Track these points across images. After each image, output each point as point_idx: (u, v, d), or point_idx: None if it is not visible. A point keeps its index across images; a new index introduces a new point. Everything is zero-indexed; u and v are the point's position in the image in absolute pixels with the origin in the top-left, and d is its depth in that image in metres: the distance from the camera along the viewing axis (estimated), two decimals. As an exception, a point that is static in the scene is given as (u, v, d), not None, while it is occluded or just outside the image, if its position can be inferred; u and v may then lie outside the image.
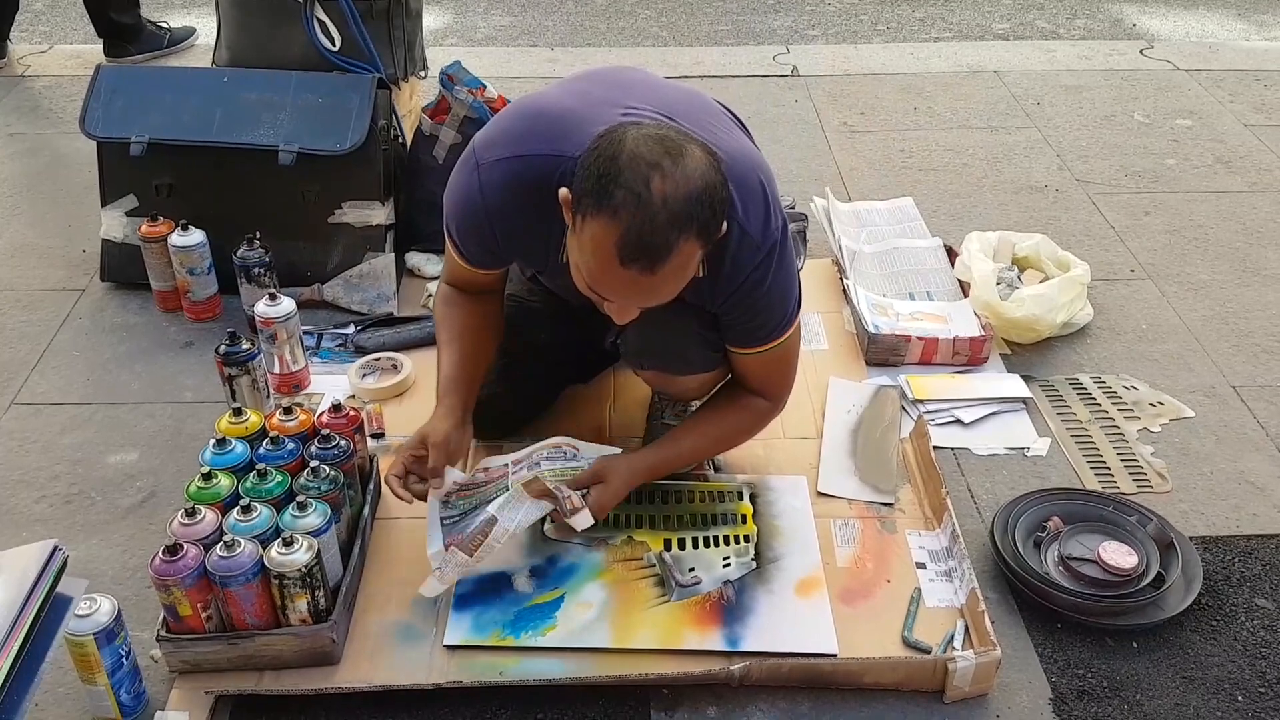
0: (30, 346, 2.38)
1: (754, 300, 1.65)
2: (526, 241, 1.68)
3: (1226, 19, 4.53)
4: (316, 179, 2.44)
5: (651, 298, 1.50)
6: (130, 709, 1.58)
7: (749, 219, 1.58)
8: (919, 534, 1.89)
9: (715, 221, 1.45)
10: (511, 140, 1.62)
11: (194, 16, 4.21)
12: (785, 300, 1.69)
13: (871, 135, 3.37)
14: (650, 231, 1.38)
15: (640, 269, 1.41)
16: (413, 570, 1.80)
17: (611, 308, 1.54)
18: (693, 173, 1.41)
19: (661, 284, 1.45)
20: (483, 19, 4.49)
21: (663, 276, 1.43)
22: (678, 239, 1.40)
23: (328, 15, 2.52)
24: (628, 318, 1.55)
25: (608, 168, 1.40)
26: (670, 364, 1.81)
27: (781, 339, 1.74)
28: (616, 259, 1.40)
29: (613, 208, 1.39)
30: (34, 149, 3.26)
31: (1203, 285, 2.63)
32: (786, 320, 1.72)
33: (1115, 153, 3.26)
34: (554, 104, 1.63)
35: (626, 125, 1.46)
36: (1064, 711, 1.62)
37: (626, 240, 1.39)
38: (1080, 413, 2.20)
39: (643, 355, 1.84)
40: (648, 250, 1.39)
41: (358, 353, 2.33)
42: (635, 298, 1.50)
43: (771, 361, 1.78)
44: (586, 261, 1.46)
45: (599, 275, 1.46)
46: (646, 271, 1.41)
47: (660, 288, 1.47)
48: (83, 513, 1.95)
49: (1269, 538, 1.92)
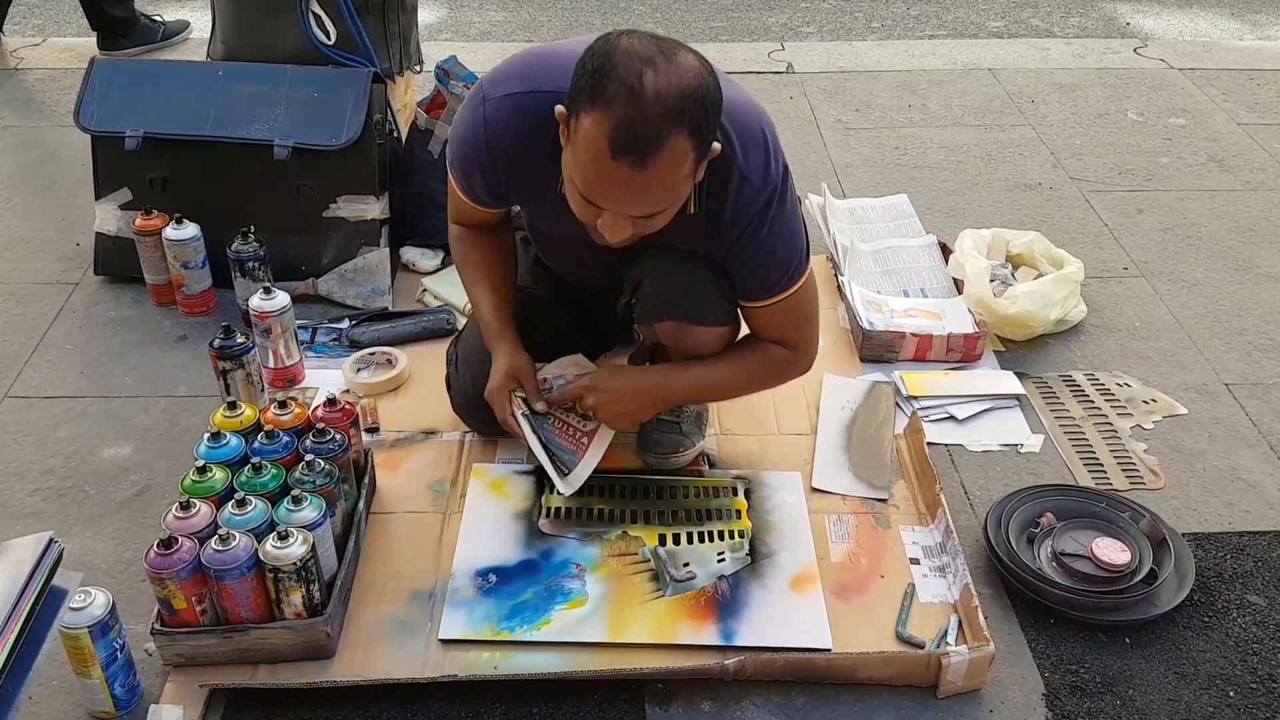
0: (24, 340, 2.37)
1: (757, 248, 1.66)
2: (528, 177, 1.68)
3: (1220, 18, 4.55)
4: (311, 173, 2.44)
5: (643, 201, 1.49)
6: (124, 702, 1.57)
7: (749, 164, 1.60)
8: (913, 529, 1.89)
9: (707, 122, 1.46)
10: (519, 77, 1.64)
11: (188, 10, 4.20)
12: (791, 248, 1.70)
13: (866, 132, 3.38)
14: (642, 123, 1.39)
15: (631, 162, 1.41)
16: (408, 565, 1.80)
17: (605, 222, 1.52)
18: (685, 70, 1.43)
19: (652, 182, 1.45)
20: (477, 14, 4.49)
21: (653, 173, 1.43)
22: (669, 132, 1.41)
23: (323, 9, 2.52)
24: (620, 235, 1.54)
25: (601, 64, 1.42)
26: (688, 314, 1.79)
27: (792, 289, 1.74)
28: (608, 151, 1.41)
29: (605, 100, 1.40)
30: (27, 142, 3.25)
31: (1196, 283, 2.64)
32: (795, 269, 1.72)
33: (1109, 151, 3.27)
34: (564, 48, 1.64)
35: (620, 31, 1.48)
36: (1057, 707, 1.63)
37: (618, 131, 1.40)
38: (1074, 409, 2.20)
39: (661, 309, 1.81)
40: (639, 142, 1.40)
41: (352, 347, 2.33)
42: (627, 199, 1.49)
43: (787, 313, 1.78)
44: (580, 164, 1.47)
45: (591, 174, 1.46)
46: (638, 166, 1.42)
47: (651, 187, 1.46)
48: (76, 506, 1.95)
49: (1261, 534, 1.93)
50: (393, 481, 1.98)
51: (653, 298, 1.82)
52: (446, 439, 2.08)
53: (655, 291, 1.80)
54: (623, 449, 2.06)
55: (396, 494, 1.96)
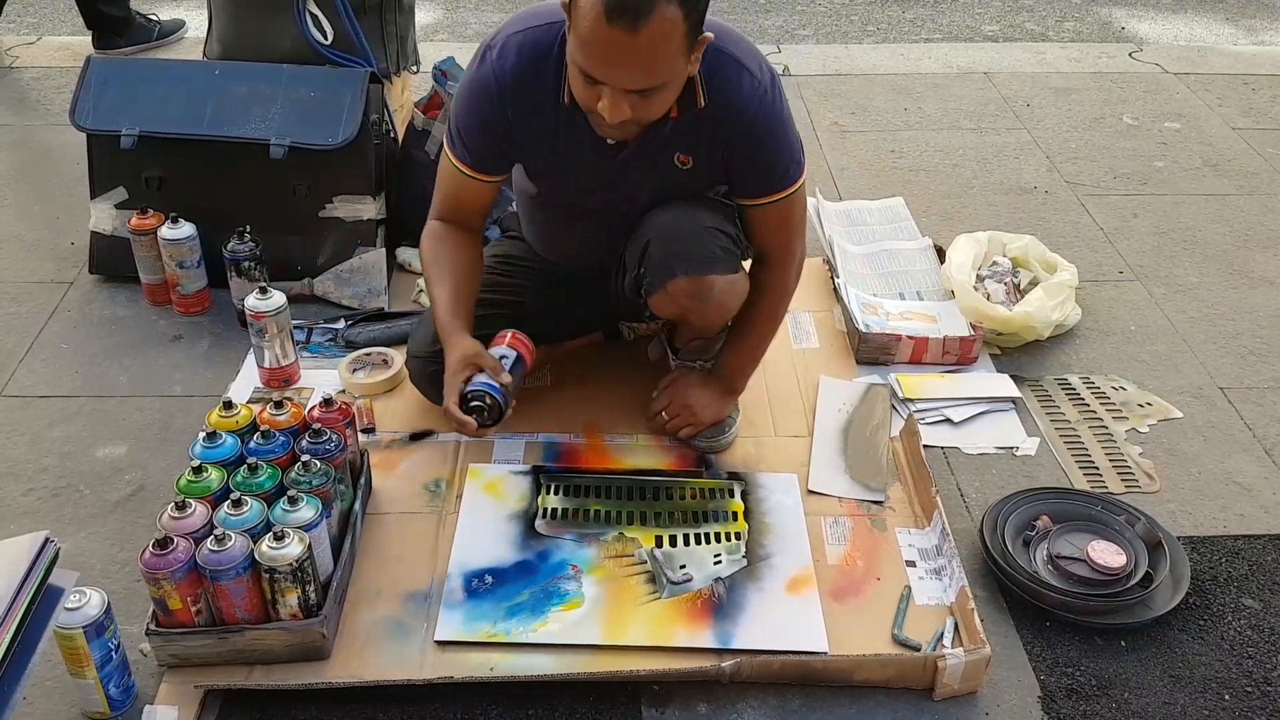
0: (18, 339, 2.37)
1: (765, 136, 1.76)
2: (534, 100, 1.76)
3: (1215, 23, 4.56)
4: (308, 173, 2.43)
5: (637, 69, 1.57)
6: (119, 703, 1.57)
7: (744, 57, 1.73)
8: (909, 532, 1.89)
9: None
10: (515, 24, 1.78)
11: (184, 9, 4.19)
12: (792, 138, 1.81)
13: (862, 135, 3.38)
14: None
15: (624, 26, 1.50)
16: (404, 566, 1.80)
17: (604, 103, 1.60)
18: None
19: (645, 48, 1.53)
20: (474, 14, 4.49)
21: (646, 38, 1.51)
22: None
23: (320, 9, 2.52)
24: (619, 114, 1.61)
25: None
26: (699, 264, 1.84)
27: (796, 185, 1.84)
28: (603, 17, 1.50)
29: None
30: (22, 141, 3.24)
31: (1191, 287, 2.64)
32: (797, 163, 1.82)
33: (1104, 155, 3.28)
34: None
35: None
36: (1052, 709, 1.63)
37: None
38: (1069, 413, 2.21)
39: (671, 264, 1.84)
40: (631, 5, 1.49)
41: (348, 347, 2.33)
42: (622, 67, 1.56)
43: (786, 214, 1.88)
44: (579, 38, 1.56)
45: (589, 42, 1.55)
46: (630, 30, 1.50)
47: (644, 54, 1.54)
48: (71, 506, 1.94)
49: (1256, 538, 1.93)
50: (389, 482, 1.98)
51: (660, 257, 1.85)
52: (442, 440, 2.08)
53: (661, 251, 1.85)
54: (620, 450, 2.06)
55: (392, 494, 1.95)
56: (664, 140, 1.77)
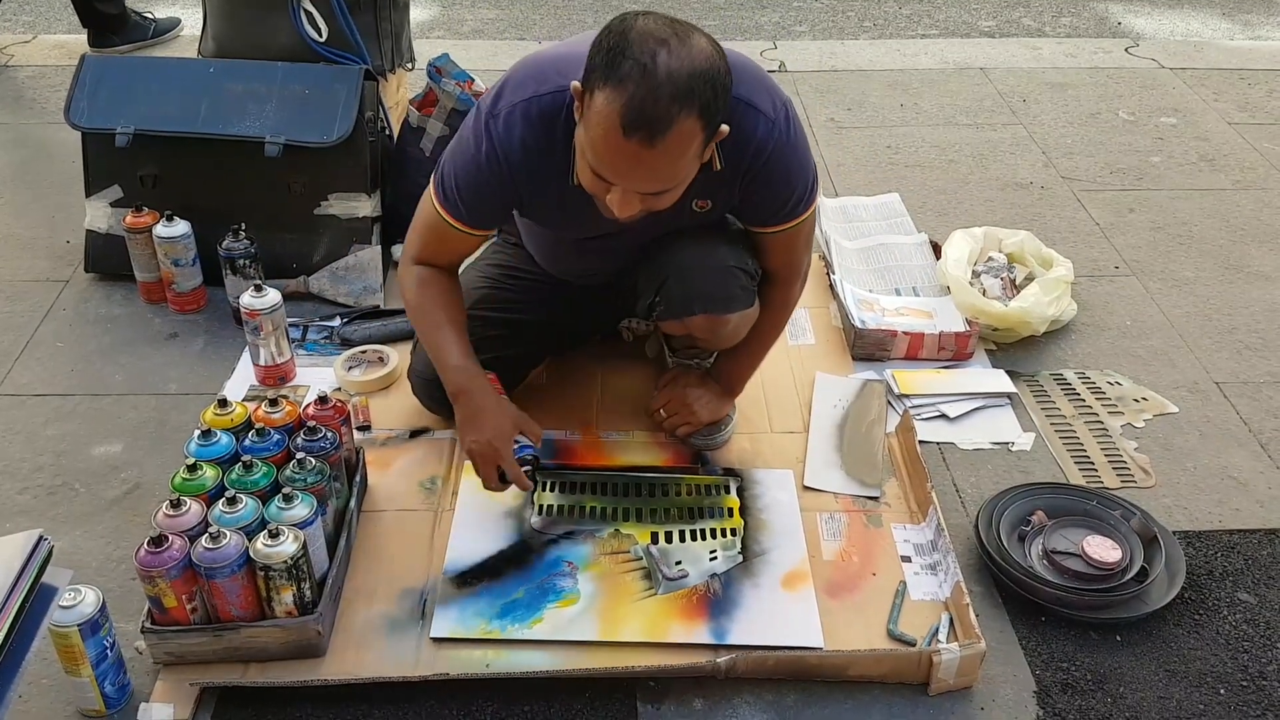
0: (14, 337, 2.36)
1: (775, 173, 1.71)
2: (543, 176, 1.70)
3: (1211, 18, 4.56)
4: (303, 170, 2.43)
5: (652, 179, 1.53)
6: (114, 701, 1.57)
7: (755, 99, 1.65)
8: (904, 528, 1.89)
9: (717, 104, 1.49)
10: (517, 87, 1.67)
11: (179, 7, 4.19)
12: (805, 170, 1.76)
13: (858, 131, 3.38)
14: (653, 102, 1.43)
15: (641, 140, 1.45)
16: (399, 563, 1.80)
17: (614, 198, 1.55)
18: (698, 53, 1.46)
19: (661, 160, 1.48)
20: (470, 12, 4.48)
21: (662, 151, 1.46)
22: (679, 112, 1.44)
23: (314, 6, 2.52)
24: (629, 210, 1.57)
25: (617, 43, 1.45)
26: (718, 305, 1.84)
27: (804, 215, 1.81)
28: (620, 129, 1.44)
29: (619, 77, 1.44)
30: (17, 139, 3.24)
31: (1187, 282, 2.64)
32: (808, 196, 1.79)
33: (1100, 150, 3.28)
34: (553, 50, 1.70)
35: (637, 11, 1.51)
36: (1048, 704, 1.63)
37: (630, 108, 1.43)
38: (1065, 408, 2.21)
39: (690, 303, 1.84)
40: (650, 121, 1.43)
41: (344, 345, 2.33)
42: (636, 176, 1.52)
43: (795, 238, 1.85)
44: (593, 140, 1.49)
45: (602, 150, 1.49)
46: (646, 143, 1.45)
47: (660, 166, 1.50)
48: (66, 504, 1.94)
49: (1251, 532, 1.94)
50: (384, 479, 1.98)
51: (679, 295, 1.85)
52: (438, 437, 2.08)
53: (681, 289, 1.84)
54: (616, 447, 2.06)
55: (388, 492, 1.95)
56: None
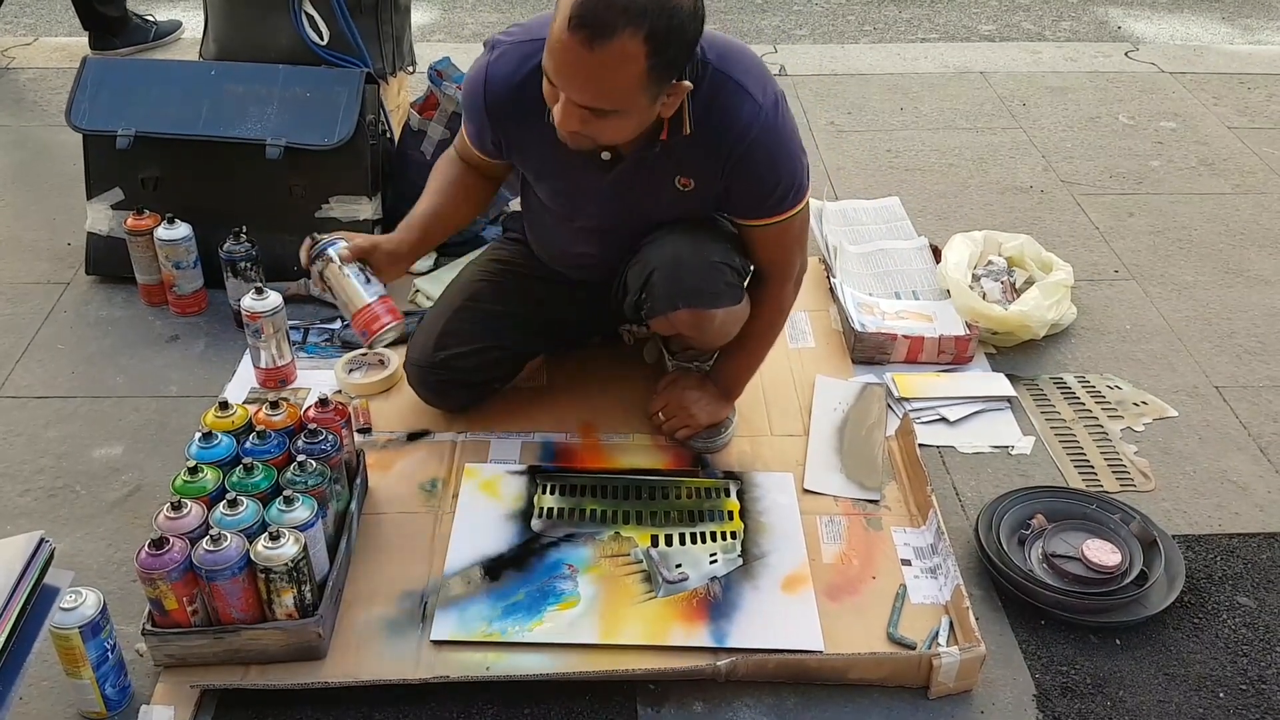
0: (15, 340, 2.37)
1: (761, 161, 1.72)
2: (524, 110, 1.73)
3: (1211, 22, 4.57)
4: (304, 173, 2.44)
5: (588, 87, 1.53)
6: (115, 703, 1.57)
7: (747, 80, 1.68)
8: (904, 531, 1.89)
9: (669, 39, 1.50)
10: (526, 30, 1.74)
11: (180, 10, 4.19)
12: (794, 162, 1.76)
13: (858, 135, 3.38)
14: (605, 6, 1.45)
15: (582, 39, 1.47)
16: (400, 566, 1.80)
17: (557, 111, 1.58)
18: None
19: (599, 69, 1.49)
20: (470, 15, 4.49)
21: (601, 59, 1.48)
22: (625, 25, 1.46)
23: (315, 9, 2.52)
24: (569, 123, 1.58)
25: None
26: (703, 300, 1.83)
27: (798, 208, 1.80)
28: (567, 21, 1.47)
29: None
30: (18, 141, 3.24)
31: (1186, 286, 2.65)
32: (796, 189, 1.78)
33: (1100, 154, 3.28)
34: None
35: None
36: (1048, 708, 1.63)
37: (581, 4, 1.46)
38: (1064, 412, 2.21)
39: (675, 298, 1.84)
40: (593, 21, 1.46)
41: (344, 348, 2.33)
42: (575, 80, 1.53)
43: (785, 233, 1.85)
44: (549, 34, 1.52)
45: (551, 44, 1.52)
46: (586, 45, 1.47)
47: (597, 75, 1.51)
48: (67, 506, 1.94)
49: (1250, 536, 1.94)
50: (385, 482, 1.98)
51: (664, 289, 1.84)
52: (439, 440, 2.08)
53: (666, 283, 1.84)
54: (616, 449, 2.07)
55: (389, 494, 1.95)
56: (661, 162, 1.74)
